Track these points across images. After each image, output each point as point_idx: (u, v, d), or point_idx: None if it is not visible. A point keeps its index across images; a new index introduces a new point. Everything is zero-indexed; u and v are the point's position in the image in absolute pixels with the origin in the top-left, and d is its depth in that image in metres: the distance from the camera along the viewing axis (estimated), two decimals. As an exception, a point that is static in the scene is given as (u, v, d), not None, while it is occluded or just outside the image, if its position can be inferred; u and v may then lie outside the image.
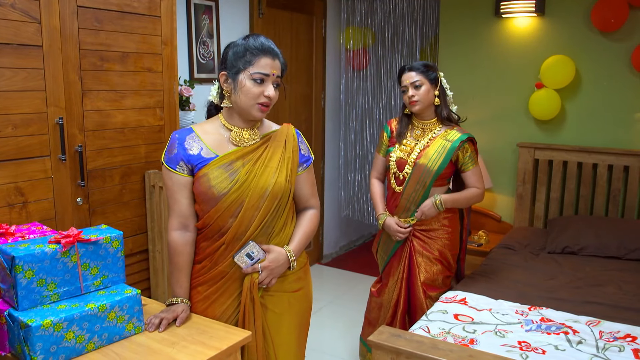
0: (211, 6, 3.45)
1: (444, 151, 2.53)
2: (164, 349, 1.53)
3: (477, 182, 2.63)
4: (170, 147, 1.74)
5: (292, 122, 4.30)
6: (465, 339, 2.08)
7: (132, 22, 2.31)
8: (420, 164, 2.54)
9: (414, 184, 2.56)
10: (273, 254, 1.76)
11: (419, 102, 2.52)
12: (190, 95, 3.06)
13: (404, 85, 2.56)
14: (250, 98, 1.69)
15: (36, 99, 2.01)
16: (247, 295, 1.74)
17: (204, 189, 1.70)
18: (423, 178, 2.54)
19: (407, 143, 2.62)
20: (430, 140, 2.58)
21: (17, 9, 1.91)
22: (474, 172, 2.62)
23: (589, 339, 2.10)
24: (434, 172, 2.53)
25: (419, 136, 2.61)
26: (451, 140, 2.54)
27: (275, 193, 1.74)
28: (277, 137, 1.81)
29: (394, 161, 2.62)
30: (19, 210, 1.99)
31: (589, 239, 3.23)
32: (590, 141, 3.67)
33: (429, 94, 2.53)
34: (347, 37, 4.75)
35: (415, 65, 2.55)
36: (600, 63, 3.57)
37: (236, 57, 1.69)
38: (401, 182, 2.61)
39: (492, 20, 3.90)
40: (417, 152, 2.57)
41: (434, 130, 2.59)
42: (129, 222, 2.42)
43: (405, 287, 2.65)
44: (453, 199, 2.59)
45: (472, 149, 2.59)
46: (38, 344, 1.39)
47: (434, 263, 2.60)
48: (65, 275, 1.52)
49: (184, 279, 1.77)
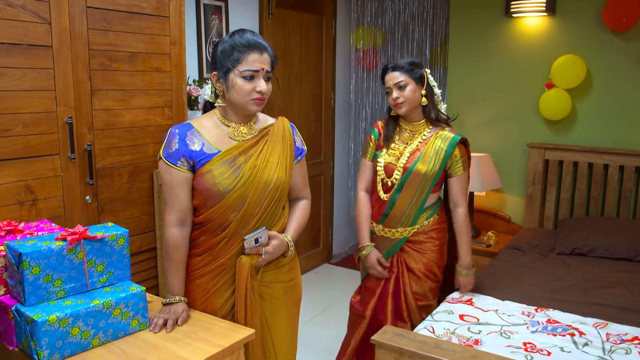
0: (220, 6, 3.48)
1: (440, 156, 2.36)
2: (167, 345, 1.55)
3: (460, 193, 2.41)
4: (170, 142, 1.73)
5: (301, 121, 4.32)
6: (470, 339, 2.07)
7: (140, 22, 2.33)
8: (417, 171, 2.36)
9: (411, 194, 2.38)
10: (276, 241, 1.81)
11: (404, 103, 2.34)
12: (198, 95, 3.09)
13: (387, 86, 2.38)
14: (243, 95, 1.70)
15: (46, 98, 2.04)
16: (247, 275, 1.76)
17: (209, 186, 1.72)
18: (422, 186, 2.37)
19: (395, 147, 2.44)
20: (421, 144, 2.40)
21: (28, 10, 1.94)
22: (461, 179, 2.41)
23: (596, 341, 2.09)
24: (432, 179, 2.37)
25: (408, 139, 2.44)
26: (444, 143, 2.37)
27: (277, 187, 1.78)
28: (274, 131, 1.85)
29: (382, 166, 2.44)
30: (29, 208, 2.02)
31: (599, 240, 3.20)
32: (601, 141, 3.63)
33: (414, 94, 2.34)
34: (357, 37, 4.75)
35: (399, 64, 2.37)
36: (611, 63, 3.54)
37: (224, 55, 1.71)
38: (389, 188, 2.42)
39: (502, 19, 3.88)
40: (406, 157, 2.39)
41: (424, 133, 2.42)
42: (137, 221, 2.45)
43: (392, 302, 2.46)
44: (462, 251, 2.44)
45: (462, 152, 2.42)
46: (44, 339, 1.42)
47: (421, 279, 2.44)
48: (72, 272, 1.54)
49: (181, 275, 1.79)
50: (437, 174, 2.37)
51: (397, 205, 2.40)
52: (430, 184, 2.38)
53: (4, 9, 1.87)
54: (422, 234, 2.44)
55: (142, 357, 1.48)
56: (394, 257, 2.47)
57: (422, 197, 2.39)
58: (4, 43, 1.89)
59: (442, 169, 2.37)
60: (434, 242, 2.45)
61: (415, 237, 2.44)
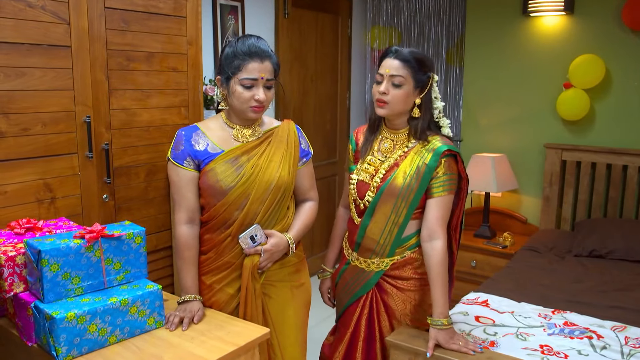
0: (237, 6, 3.49)
1: (420, 170, 1.83)
2: (183, 344, 1.56)
3: (438, 220, 1.82)
4: (177, 143, 1.81)
5: (317, 121, 4.33)
6: (485, 341, 2.06)
7: (157, 22, 2.35)
8: (390, 188, 1.85)
9: (384, 219, 1.88)
10: (274, 238, 1.83)
11: (388, 105, 1.84)
12: (214, 95, 3.10)
13: (379, 72, 1.86)
14: (242, 102, 1.75)
15: (65, 97, 2.06)
16: (249, 276, 1.79)
17: (212, 183, 1.77)
18: (396, 209, 1.85)
19: (371, 161, 1.93)
20: (401, 158, 1.89)
21: (48, 11, 1.97)
22: (440, 203, 1.82)
23: (614, 345, 2.06)
24: (409, 200, 1.84)
25: (388, 151, 1.92)
26: (427, 154, 1.83)
27: (279, 186, 1.81)
28: (278, 133, 1.88)
29: (354, 184, 1.95)
30: (48, 206, 2.04)
31: (617, 242, 3.16)
32: (620, 142, 3.58)
33: (406, 98, 1.83)
34: (373, 36, 4.74)
35: (405, 55, 1.82)
36: (631, 62, 3.49)
37: (227, 62, 1.76)
38: (362, 212, 1.93)
39: (519, 19, 3.84)
40: (381, 174, 1.88)
41: (407, 144, 1.90)
42: (154, 219, 2.47)
43: (363, 350, 1.97)
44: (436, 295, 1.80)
45: (450, 169, 1.84)
46: (62, 336, 1.44)
47: (402, 323, 1.95)
48: (89, 270, 1.56)
49: (194, 273, 1.82)
50: (417, 194, 1.83)
51: (369, 232, 1.91)
52: (407, 207, 1.85)
53: (25, 10, 1.90)
54: (404, 266, 1.92)
55: (158, 354, 1.50)
56: (369, 294, 1.97)
57: (398, 224, 1.87)
58: (25, 43, 1.91)
59: (423, 188, 1.83)
60: (422, 278, 1.92)
61: (394, 271, 1.93)
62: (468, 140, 4.18)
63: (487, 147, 4.08)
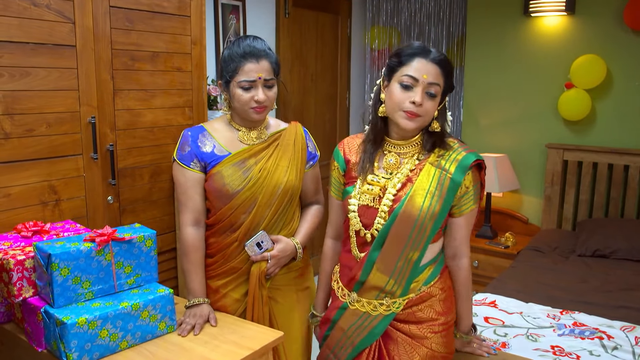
0: (238, 6, 3.46)
1: (444, 185, 1.52)
2: (196, 348, 1.53)
3: (465, 238, 1.59)
4: (183, 144, 1.78)
5: (317, 121, 4.30)
6: (496, 342, 2.04)
7: (162, 22, 2.32)
8: (407, 212, 1.50)
9: (398, 249, 1.52)
10: (281, 244, 1.81)
11: (420, 118, 1.50)
12: (217, 95, 3.07)
13: (412, 75, 1.48)
14: (243, 104, 1.73)
15: (69, 98, 2.02)
16: (256, 283, 1.77)
17: (218, 186, 1.74)
18: (415, 237, 1.51)
19: (373, 180, 1.57)
20: (414, 172, 1.55)
21: (52, 10, 1.93)
22: (468, 219, 1.58)
23: (625, 345, 2.05)
24: (431, 224, 1.51)
25: (393, 167, 1.58)
26: (451, 165, 1.53)
27: (286, 190, 1.79)
28: (286, 136, 1.86)
29: (355, 210, 1.58)
30: (52, 208, 2.01)
31: (620, 242, 3.17)
32: (621, 142, 3.59)
33: (434, 109, 1.53)
34: (372, 36, 4.73)
35: (440, 56, 1.52)
36: (632, 62, 3.50)
37: (225, 65, 1.74)
38: (367, 243, 1.57)
39: (520, 19, 3.84)
40: (392, 194, 1.53)
41: (418, 156, 1.57)
42: (158, 221, 2.43)
43: None
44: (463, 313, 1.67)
45: (476, 179, 1.56)
46: (73, 341, 1.41)
47: None
48: (100, 274, 1.53)
49: (201, 275, 1.80)
50: (440, 215, 1.52)
51: (378, 268, 1.55)
52: (429, 233, 1.52)
53: (30, 9, 1.86)
54: (418, 305, 1.57)
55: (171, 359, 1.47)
56: (372, 347, 1.59)
57: (417, 253, 1.53)
58: (29, 43, 1.88)
59: (447, 206, 1.53)
60: (438, 319, 1.58)
61: (407, 315, 1.57)
62: (469, 141, 4.17)
63: (488, 147, 4.08)
